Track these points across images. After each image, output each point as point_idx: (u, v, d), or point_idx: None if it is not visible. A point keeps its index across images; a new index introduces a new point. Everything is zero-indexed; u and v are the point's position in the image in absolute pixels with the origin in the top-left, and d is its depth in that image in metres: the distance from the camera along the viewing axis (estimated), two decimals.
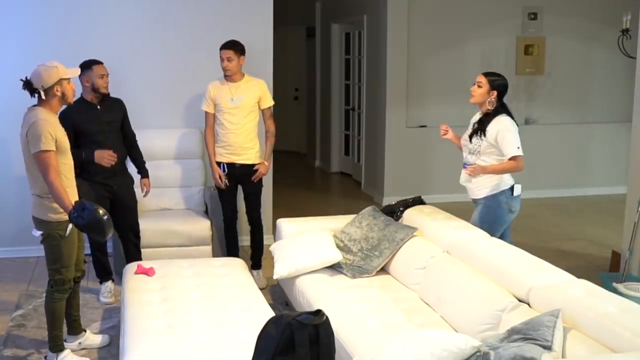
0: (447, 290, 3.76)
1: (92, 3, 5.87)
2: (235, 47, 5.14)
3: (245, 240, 5.85)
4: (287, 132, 11.01)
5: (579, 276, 3.49)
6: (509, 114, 4.43)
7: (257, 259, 5.47)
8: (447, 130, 4.66)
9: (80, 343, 4.27)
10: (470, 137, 4.50)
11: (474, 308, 3.49)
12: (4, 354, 4.18)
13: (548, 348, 2.72)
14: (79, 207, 3.67)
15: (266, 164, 5.34)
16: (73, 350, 4.14)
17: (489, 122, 4.39)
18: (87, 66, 4.76)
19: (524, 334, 2.82)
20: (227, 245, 5.49)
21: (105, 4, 5.89)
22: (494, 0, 8.17)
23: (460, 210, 5.06)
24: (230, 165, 5.27)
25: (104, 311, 4.87)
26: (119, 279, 4.85)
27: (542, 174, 8.27)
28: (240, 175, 5.30)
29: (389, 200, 6.29)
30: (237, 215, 5.46)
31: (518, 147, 4.28)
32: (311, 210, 7.08)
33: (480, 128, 4.43)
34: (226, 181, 5.27)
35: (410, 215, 4.77)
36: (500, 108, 4.43)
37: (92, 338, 4.33)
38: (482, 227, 4.34)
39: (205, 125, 5.33)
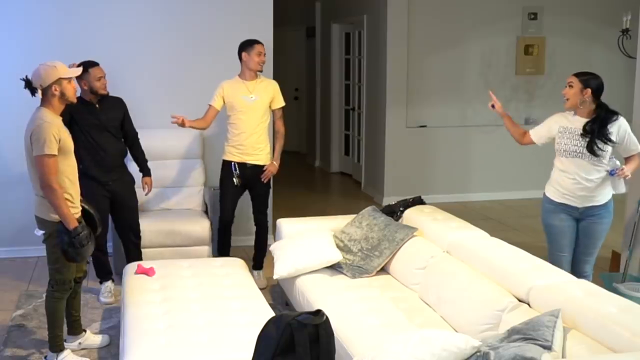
0: (447, 290, 3.76)
1: (93, 3, 5.87)
2: None
3: (246, 240, 5.84)
4: (287, 132, 10.99)
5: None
6: (617, 112, 4.25)
7: (259, 259, 5.46)
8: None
9: (80, 343, 4.27)
10: (591, 146, 4.14)
11: (474, 308, 3.49)
12: (4, 354, 4.18)
13: (548, 348, 2.72)
14: (76, 233, 3.76)
15: (275, 164, 5.30)
16: (73, 350, 4.14)
17: (606, 125, 4.15)
18: (83, 69, 4.74)
19: (524, 334, 2.82)
20: (219, 247, 5.39)
21: (107, 4, 5.89)
22: (494, 0, 8.17)
23: (460, 210, 5.07)
24: (242, 165, 5.21)
25: (104, 311, 4.87)
26: (119, 279, 4.85)
27: (543, 173, 8.22)
28: (250, 176, 5.24)
29: (389, 200, 6.30)
30: (233, 220, 5.38)
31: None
32: (311, 210, 7.08)
33: (600, 134, 4.14)
34: (239, 180, 5.18)
35: (410, 215, 4.77)
36: (602, 109, 4.20)
37: (92, 338, 4.33)
38: (608, 228, 4.33)
39: (203, 115, 5.18)
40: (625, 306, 3.00)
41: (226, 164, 5.25)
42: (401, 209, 4.91)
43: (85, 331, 4.33)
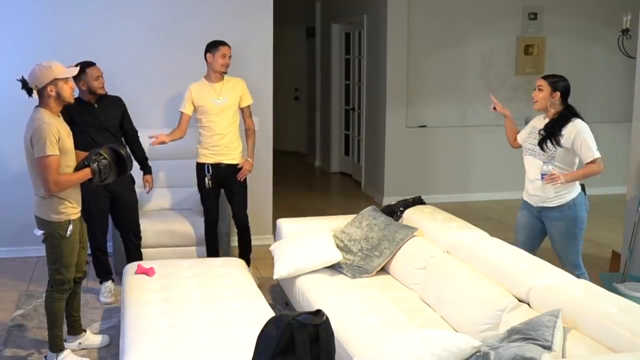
0: (447, 290, 3.76)
1: (93, 3, 5.86)
2: None
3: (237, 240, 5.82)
4: (287, 132, 11.02)
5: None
6: (579, 116, 4.24)
7: (246, 259, 5.39)
8: None
9: (80, 343, 4.27)
10: (541, 144, 4.25)
11: (474, 308, 3.49)
12: (4, 354, 4.18)
13: (548, 348, 2.72)
14: (93, 154, 3.89)
15: (250, 161, 5.28)
16: (73, 350, 4.14)
17: (561, 127, 4.19)
18: (81, 70, 4.72)
19: (524, 334, 2.82)
20: (207, 247, 5.39)
21: (106, 4, 5.89)
22: (493, 0, 8.17)
23: (460, 210, 5.07)
24: (215, 166, 5.21)
25: (104, 311, 4.87)
26: (119, 279, 4.85)
27: None
28: (226, 176, 5.24)
29: (389, 200, 6.29)
30: (219, 217, 5.40)
31: (596, 149, 4.15)
32: (311, 210, 7.08)
33: (552, 134, 4.20)
34: (209, 182, 5.20)
35: (410, 215, 4.77)
36: (567, 111, 4.24)
37: (92, 338, 4.33)
38: (575, 232, 4.29)
39: (177, 125, 5.20)
40: (625, 306, 3.00)
41: (200, 167, 5.25)
42: (401, 209, 4.91)
43: (85, 331, 4.33)
